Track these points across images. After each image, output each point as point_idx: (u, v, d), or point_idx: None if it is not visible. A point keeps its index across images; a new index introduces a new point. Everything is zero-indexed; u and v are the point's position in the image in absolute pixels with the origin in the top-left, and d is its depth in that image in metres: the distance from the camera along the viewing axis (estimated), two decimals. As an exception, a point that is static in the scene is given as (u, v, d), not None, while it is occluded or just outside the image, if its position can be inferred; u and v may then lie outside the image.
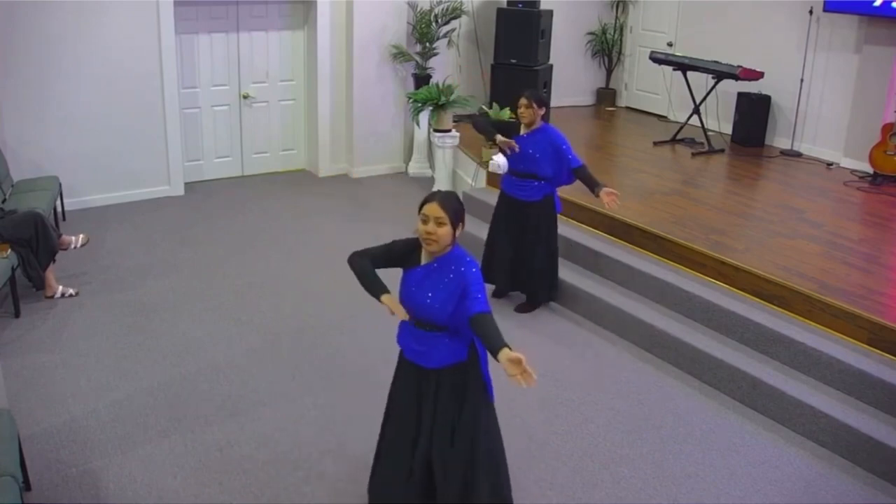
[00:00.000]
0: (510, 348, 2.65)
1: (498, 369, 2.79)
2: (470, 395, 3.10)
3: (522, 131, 5.25)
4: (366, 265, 3.10)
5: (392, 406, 3.31)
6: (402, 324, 3.14)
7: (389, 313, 3.03)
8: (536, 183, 5.25)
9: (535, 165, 5.18)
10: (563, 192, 6.27)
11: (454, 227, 2.93)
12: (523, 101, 5.13)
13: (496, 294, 5.70)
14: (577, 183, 5.22)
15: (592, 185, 5.03)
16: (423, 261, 3.03)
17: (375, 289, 3.07)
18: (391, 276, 3.12)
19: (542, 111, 5.17)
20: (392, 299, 3.04)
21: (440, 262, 2.97)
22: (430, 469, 3.16)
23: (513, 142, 5.18)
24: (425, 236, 2.91)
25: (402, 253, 3.10)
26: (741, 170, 7.53)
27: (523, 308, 5.59)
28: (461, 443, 3.09)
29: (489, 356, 2.87)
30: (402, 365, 3.23)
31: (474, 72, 9.06)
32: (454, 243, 2.99)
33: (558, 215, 5.49)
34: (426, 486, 3.19)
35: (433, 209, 2.89)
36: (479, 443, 3.11)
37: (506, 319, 5.45)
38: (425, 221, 2.91)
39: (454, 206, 2.94)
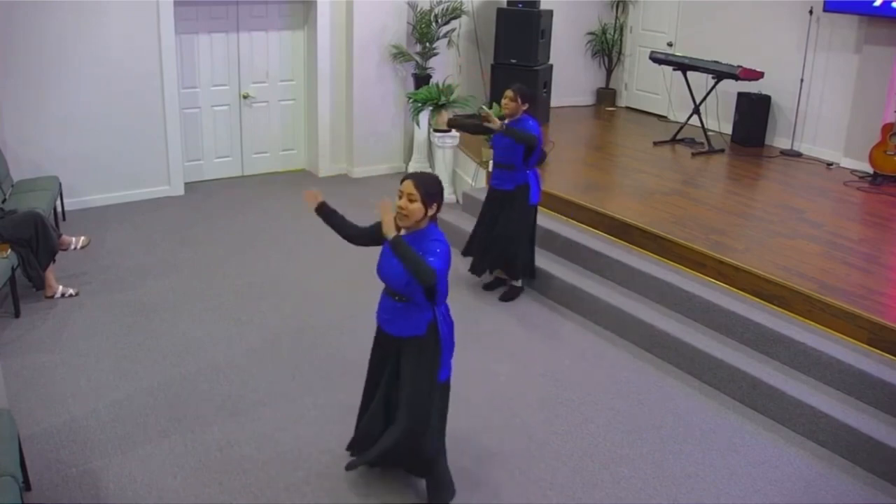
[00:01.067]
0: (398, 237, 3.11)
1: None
2: (420, 371, 3.35)
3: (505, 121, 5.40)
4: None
5: (369, 366, 3.64)
6: (381, 295, 3.42)
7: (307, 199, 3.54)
8: (510, 173, 5.39)
9: (509, 154, 5.35)
10: (564, 191, 6.30)
11: (426, 206, 3.18)
12: (509, 93, 5.31)
13: (472, 270, 5.83)
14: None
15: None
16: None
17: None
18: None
19: (525, 106, 5.31)
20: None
21: (412, 237, 3.22)
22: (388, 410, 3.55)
23: (490, 114, 5.27)
24: (397, 210, 3.18)
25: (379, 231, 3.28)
26: (741, 170, 7.53)
27: (506, 296, 5.69)
28: (402, 405, 3.42)
29: (454, 338, 3.40)
30: (377, 333, 3.55)
31: (474, 72, 9.06)
32: (429, 222, 3.24)
33: (538, 206, 5.57)
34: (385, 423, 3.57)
35: (407, 186, 3.18)
36: (410, 410, 3.38)
37: (508, 317, 5.47)
38: (399, 197, 3.19)
39: (427, 187, 3.19)
